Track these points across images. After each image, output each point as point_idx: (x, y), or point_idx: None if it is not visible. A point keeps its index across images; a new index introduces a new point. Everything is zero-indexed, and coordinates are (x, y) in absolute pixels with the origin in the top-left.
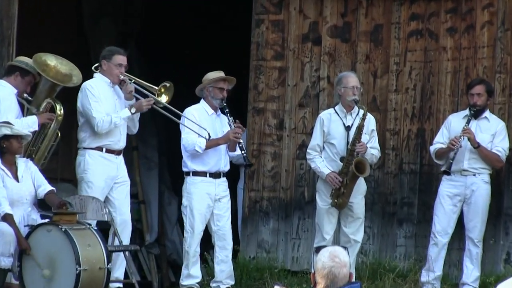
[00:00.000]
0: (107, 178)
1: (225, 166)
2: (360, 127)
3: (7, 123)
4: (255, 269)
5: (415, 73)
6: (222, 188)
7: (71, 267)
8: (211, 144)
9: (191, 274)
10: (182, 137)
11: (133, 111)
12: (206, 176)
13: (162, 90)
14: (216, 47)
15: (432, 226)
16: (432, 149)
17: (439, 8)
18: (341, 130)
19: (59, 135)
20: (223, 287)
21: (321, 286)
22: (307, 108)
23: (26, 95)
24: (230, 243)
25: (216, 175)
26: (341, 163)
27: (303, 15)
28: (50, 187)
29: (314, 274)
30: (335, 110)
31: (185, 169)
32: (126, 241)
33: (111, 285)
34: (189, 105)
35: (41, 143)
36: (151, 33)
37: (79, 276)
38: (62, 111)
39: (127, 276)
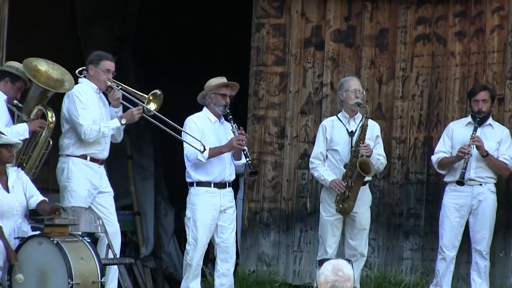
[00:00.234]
0: (91, 187)
1: (230, 175)
2: (363, 127)
3: None
4: (255, 283)
5: (422, 79)
6: (227, 198)
7: (63, 281)
8: (214, 152)
9: (191, 287)
10: (184, 146)
11: (123, 122)
12: (210, 186)
13: (151, 98)
14: (215, 52)
15: (439, 239)
16: (434, 158)
17: (447, 11)
18: (345, 136)
19: (51, 143)
20: None
21: None
22: (309, 115)
23: (16, 102)
24: (233, 257)
25: (221, 185)
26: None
27: (305, 19)
28: (42, 197)
29: None
30: (337, 117)
31: (188, 180)
32: (116, 253)
33: None
34: (191, 113)
35: (32, 151)
36: (148, 37)
37: None
38: (53, 118)
39: None
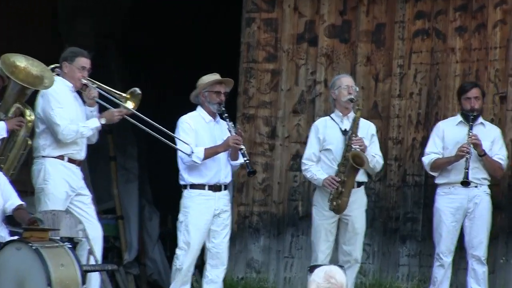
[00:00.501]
0: (69, 189)
1: (226, 177)
2: (355, 120)
3: None
4: None
5: (421, 77)
6: (222, 202)
7: None
8: (210, 152)
9: None
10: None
11: (102, 121)
12: (204, 189)
13: (128, 96)
14: (205, 48)
15: (435, 246)
16: (427, 160)
17: (447, 5)
18: (338, 134)
19: (29, 143)
20: None
21: None
22: (302, 114)
23: None
24: (224, 263)
25: (215, 188)
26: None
27: (298, 13)
28: (19, 202)
29: None
30: (331, 117)
31: (182, 182)
32: (98, 259)
33: None
34: (183, 113)
35: (10, 151)
36: (134, 34)
37: None
38: (32, 117)
39: None
